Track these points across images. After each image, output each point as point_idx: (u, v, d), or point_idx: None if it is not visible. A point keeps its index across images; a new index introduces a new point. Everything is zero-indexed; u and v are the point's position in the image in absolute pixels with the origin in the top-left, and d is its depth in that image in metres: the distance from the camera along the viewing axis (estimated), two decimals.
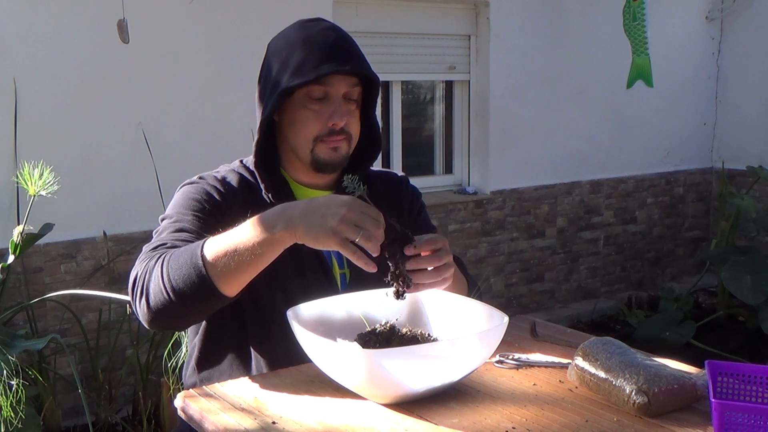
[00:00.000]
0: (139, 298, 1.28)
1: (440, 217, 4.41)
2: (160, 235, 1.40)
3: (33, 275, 3.24)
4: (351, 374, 1.19)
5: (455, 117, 4.70)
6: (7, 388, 1.93)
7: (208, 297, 1.24)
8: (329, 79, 1.42)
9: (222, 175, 1.50)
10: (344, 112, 1.45)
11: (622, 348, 1.26)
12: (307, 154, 1.47)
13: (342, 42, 1.45)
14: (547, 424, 1.13)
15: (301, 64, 1.40)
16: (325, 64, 1.40)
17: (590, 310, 5.00)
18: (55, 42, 3.23)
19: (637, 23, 4.52)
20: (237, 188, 1.48)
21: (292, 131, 1.48)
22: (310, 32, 1.45)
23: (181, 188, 1.49)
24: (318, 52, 1.41)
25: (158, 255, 1.30)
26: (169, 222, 1.41)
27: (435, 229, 1.72)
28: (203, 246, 1.24)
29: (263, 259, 1.23)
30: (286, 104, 1.46)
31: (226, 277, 1.23)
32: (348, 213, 1.16)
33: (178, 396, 1.27)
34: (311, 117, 1.45)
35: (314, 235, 1.18)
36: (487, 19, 4.50)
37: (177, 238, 1.36)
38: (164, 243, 1.35)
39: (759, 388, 1.18)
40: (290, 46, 1.44)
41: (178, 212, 1.42)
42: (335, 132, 1.45)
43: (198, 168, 1.70)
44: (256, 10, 3.66)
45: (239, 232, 1.24)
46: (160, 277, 1.24)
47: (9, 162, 3.14)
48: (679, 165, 5.56)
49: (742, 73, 5.49)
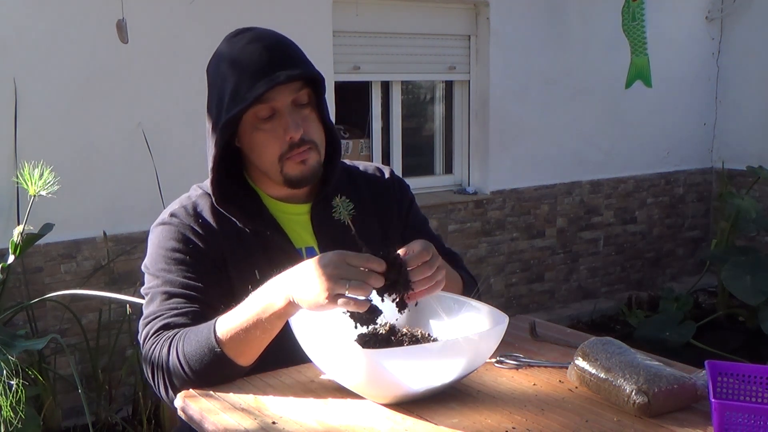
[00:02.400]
0: (165, 389, 1.32)
1: (440, 217, 4.41)
2: (150, 304, 1.38)
3: (33, 275, 3.24)
4: (351, 374, 1.19)
5: (455, 117, 4.70)
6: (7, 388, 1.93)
7: (230, 372, 1.28)
8: (269, 95, 1.36)
9: (193, 206, 1.44)
10: (297, 121, 1.39)
11: (622, 348, 1.26)
12: (278, 174, 1.42)
13: (270, 51, 1.38)
14: (547, 424, 1.13)
15: (236, 90, 1.36)
16: (258, 82, 1.34)
17: (590, 310, 5.00)
18: (55, 42, 3.23)
19: (636, 23, 4.52)
20: (212, 221, 1.43)
21: (254, 156, 1.44)
22: (235, 51, 1.39)
23: (156, 230, 1.43)
24: (247, 71, 1.36)
25: (165, 340, 1.31)
26: (156, 284, 1.38)
27: (426, 222, 1.69)
28: (215, 330, 1.27)
29: (274, 330, 1.26)
30: (240, 131, 1.42)
31: (243, 353, 1.27)
32: (333, 270, 1.15)
33: (178, 396, 1.27)
34: (266, 138, 1.40)
35: (309, 303, 1.18)
36: (487, 19, 4.50)
37: (171, 309, 1.35)
38: (160, 315, 1.35)
39: (759, 388, 1.18)
40: (222, 72, 1.39)
41: (162, 269, 1.38)
42: (296, 145, 1.39)
43: (198, 168, 1.70)
44: (255, 10, 3.66)
45: (245, 310, 1.26)
46: (179, 366, 1.28)
47: (9, 162, 3.14)
48: (679, 165, 5.56)
49: (742, 73, 5.49)
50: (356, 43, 4.17)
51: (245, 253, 1.42)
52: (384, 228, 1.58)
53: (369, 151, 4.41)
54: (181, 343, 1.29)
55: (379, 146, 4.43)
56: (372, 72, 4.30)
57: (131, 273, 3.35)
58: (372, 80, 4.36)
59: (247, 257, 1.42)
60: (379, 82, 4.38)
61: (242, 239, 1.43)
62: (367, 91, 4.39)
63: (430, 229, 1.69)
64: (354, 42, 4.15)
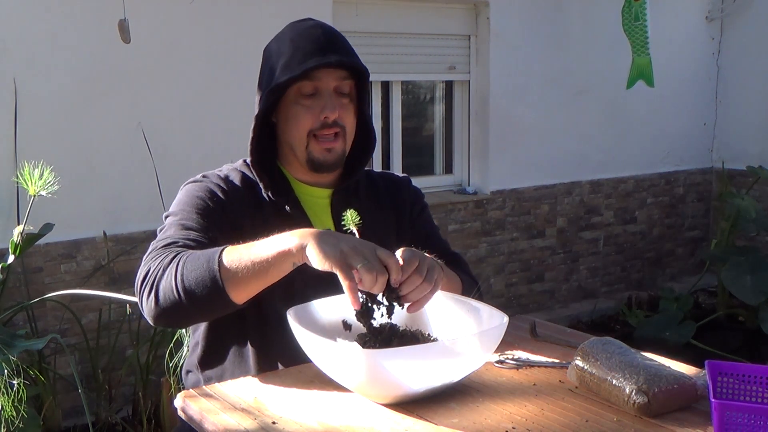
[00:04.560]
0: (148, 293, 1.28)
1: (440, 217, 4.41)
2: (166, 232, 1.40)
3: (33, 275, 3.24)
4: (351, 374, 1.19)
5: (455, 117, 4.70)
6: (8, 387, 1.93)
7: (216, 301, 1.25)
8: (317, 73, 1.45)
9: (225, 173, 1.53)
10: (336, 104, 1.48)
11: (622, 348, 1.26)
12: (303, 151, 1.50)
13: (328, 36, 1.49)
14: (547, 424, 1.13)
15: (289, 62, 1.45)
16: (311, 59, 1.43)
17: (590, 310, 5.00)
18: (55, 42, 3.23)
19: (638, 23, 4.52)
20: (239, 186, 1.51)
21: (286, 128, 1.51)
22: (297, 31, 1.50)
23: (185, 186, 1.51)
24: (303, 48, 1.45)
25: (173, 254, 1.30)
26: (175, 219, 1.43)
27: (437, 230, 1.74)
28: (222, 252, 1.25)
29: (273, 270, 1.23)
30: (281, 103, 1.50)
31: (237, 284, 1.24)
32: (358, 245, 1.18)
33: (178, 396, 1.27)
34: (303, 112, 1.48)
35: (323, 251, 1.16)
36: (487, 19, 4.50)
37: (185, 237, 1.37)
38: (175, 241, 1.36)
39: (759, 388, 1.18)
40: (279, 47, 1.49)
41: (183, 210, 1.44)
42: (328, 125, 1.48)
43: (198, 168, 1.70)
44: (256, 10, 3.66)
45: (257, 243, 1.25)
46: (173, 276, 1.25)
47: (9, 162, 3.14)
48: (679, 165, 5.56)
49: (742, 73, 5.49)
50: (356, 43, 4.09)
51: (263, 223, 1.44)
52: (399, 224, 1.64)
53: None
54: (184, 257, 1.27)
55: (379, 146, 4.42)
56: (372, 72, 4.25)
57: (131, 273, 3.32)
58: (372, 80, 4.35)
59: (264, 228, 1.42)
60: (379, 82, 4.38)
61: (263, 211, 1.50)
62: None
63: (439, 236, 1.74)
64: (354, 42, 4.06)
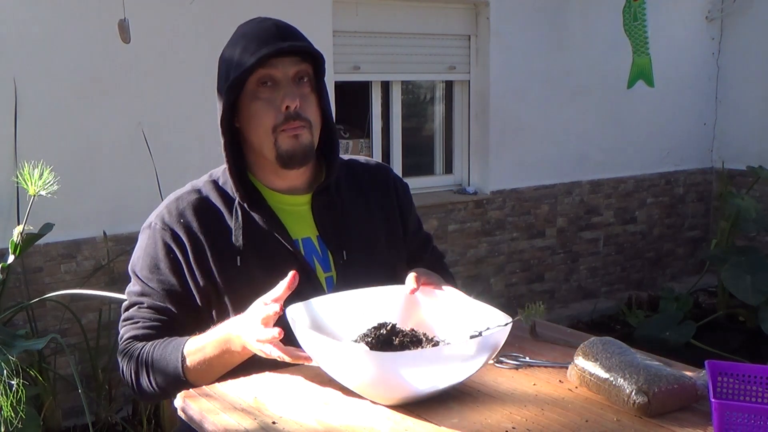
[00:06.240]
0: (131, 386, 1.49)
1: (440, 217, 4.41)
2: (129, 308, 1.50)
3: (33, 275, 3.24)
4: (356, 375, 1.18)
5: (455, 117, 4.70)
6: (8, 388, 1.93)
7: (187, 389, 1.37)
8: (273, 62, 1.41)
9: (177, 206, 1.51)
10: (296, 93, 1.43)
11: (622, 348, 1.26)
12: (271, 148, 1.44)
13: (279, 25, 1.46)
14: (547, 424, 1.13)
15: (242, 55, 1.42)
16: (264, 47, 1.40)
17: (590, 310, 5.00)
18: (55, 42, 3.23)
19: (638, 23, 4.52)
20: (194, 216, 1.48)
21: (250, 128, 1.46)
22: (248, 27, 1.48)
23: (143, 232, 1.53)
24: (255, 40, 1.43)
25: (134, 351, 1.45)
26: (136, 290, 1.50)
27: (421, 224, 1.74)
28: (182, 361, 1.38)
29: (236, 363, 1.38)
30: (242, 104, 1.45)
31: (202, 380, 1.38)
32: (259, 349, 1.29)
33: (178, 396, 1.27)
34: (264, 107, 1.43)
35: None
36: (487, 19, 4.50)
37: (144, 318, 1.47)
38: (134, 322, 1.48)
39: (759, 388, 1.18)
40: (232, 47, 1.46)
41: (145, 277, 1.48)
42: (292, 117, 1.42)
43: (198, 168, 1.70)
44: (256, 10, 3.64)
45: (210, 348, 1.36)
46: (149, 383, 1.44)
47: (9, 162, 3.14)
48: (679, 165, 5.56)
49: (742, 73, 5.49)
50: (356, 43, 4.17)
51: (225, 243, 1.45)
52: (388, 221, 1.60)
53: (369, 151, 4.41)
54: (149, 358, 1.42)
55: (379, 146, 4.43)
56: (372, 72, 4.30)
57: None
58: (372, 80, 4.36)
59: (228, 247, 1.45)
60: (379, 82, 4.38)
61: (226, 231, 1.47)
62: (367, 91, 4.39)
63: (423, 229, 1.74)
64: (354, 42, 4.15)
